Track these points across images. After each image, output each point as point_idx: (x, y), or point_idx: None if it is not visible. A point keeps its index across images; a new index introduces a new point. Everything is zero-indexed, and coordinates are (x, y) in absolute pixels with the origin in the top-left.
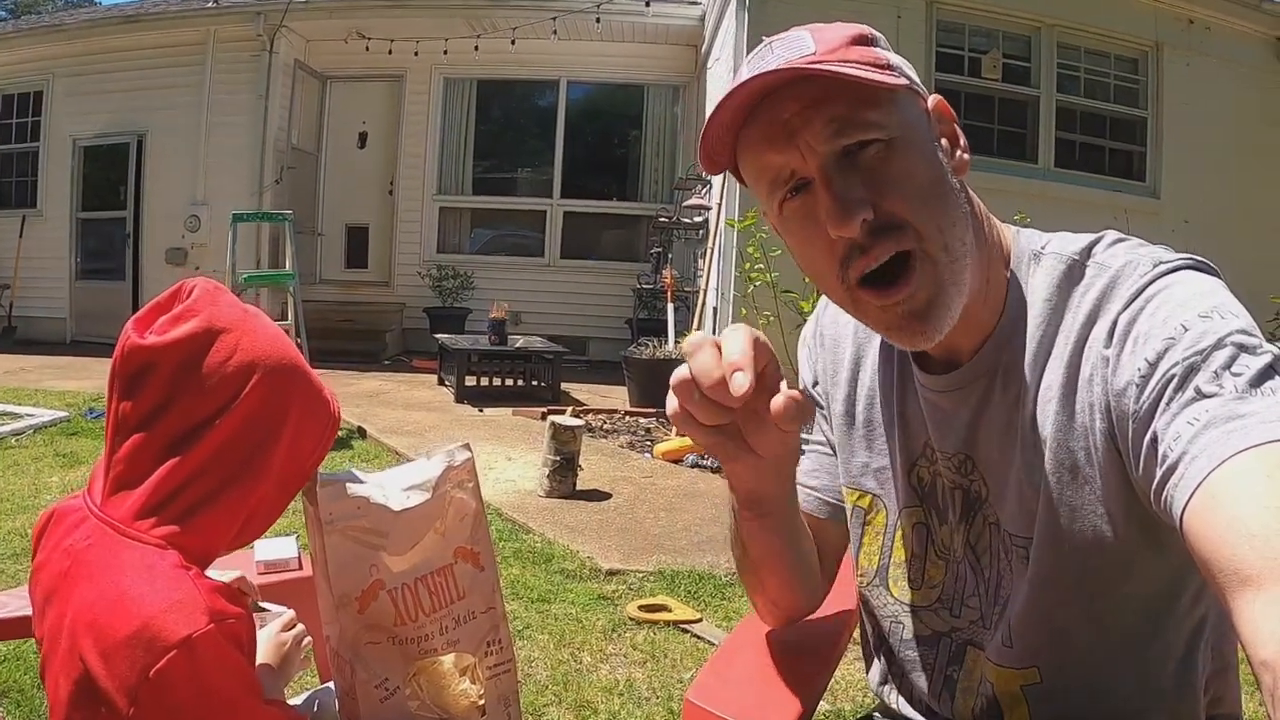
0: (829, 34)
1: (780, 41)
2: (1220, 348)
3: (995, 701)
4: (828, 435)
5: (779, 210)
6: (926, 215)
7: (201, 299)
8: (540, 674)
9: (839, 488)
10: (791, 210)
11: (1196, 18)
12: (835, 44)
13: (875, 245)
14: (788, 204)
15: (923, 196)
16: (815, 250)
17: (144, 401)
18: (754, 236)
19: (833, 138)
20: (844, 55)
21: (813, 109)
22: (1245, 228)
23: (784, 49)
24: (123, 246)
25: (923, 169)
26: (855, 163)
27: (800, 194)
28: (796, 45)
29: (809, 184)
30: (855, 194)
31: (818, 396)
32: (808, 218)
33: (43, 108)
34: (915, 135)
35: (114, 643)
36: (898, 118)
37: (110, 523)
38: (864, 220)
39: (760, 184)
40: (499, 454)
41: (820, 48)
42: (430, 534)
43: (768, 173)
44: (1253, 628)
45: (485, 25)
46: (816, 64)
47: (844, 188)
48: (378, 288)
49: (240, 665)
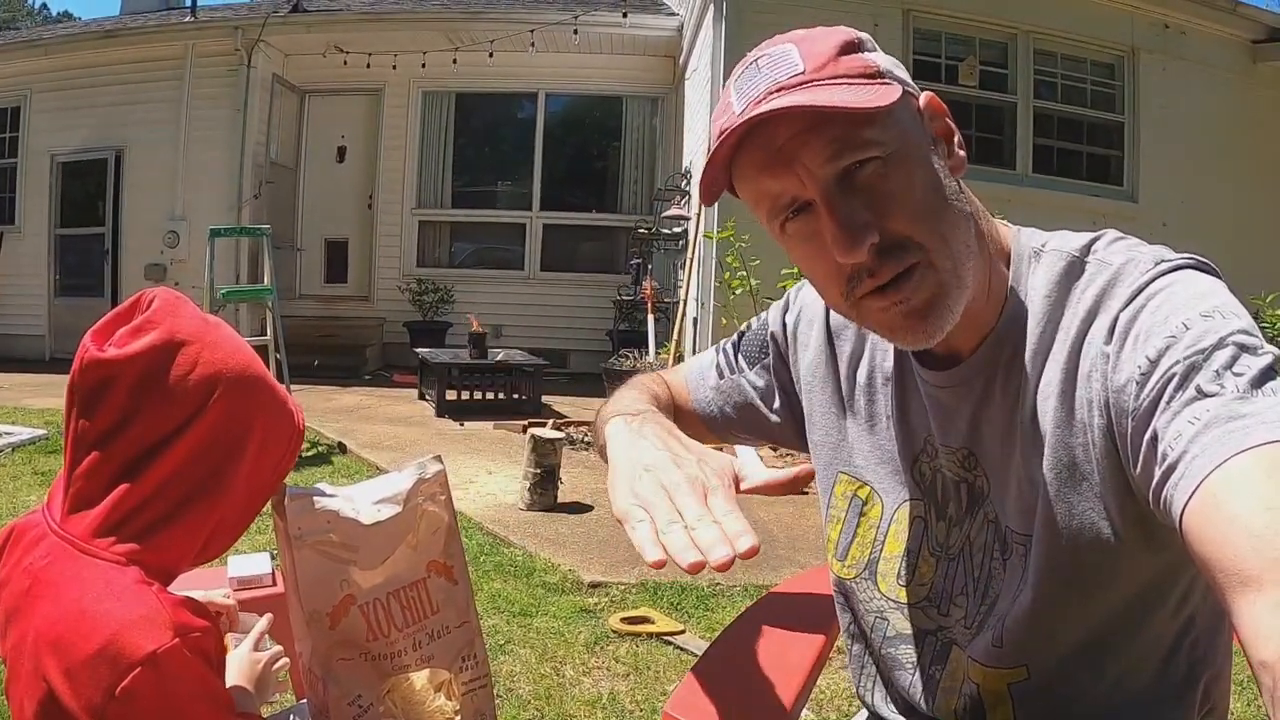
0: (816, 45)
1: (767, 59)
2: (1221, 347)
3: (979, 701)
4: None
5: (781, 230)
6: (930, 228)
7: (161, 310)
8: (523, 688)
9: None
10: (794, 230)
11: (1172, 22)
12: (824, 58)
13: (882, 267)
14: (789, 224)
15: (924, 209)
16: (820, 267)
17: (103, 418)
18: (733, 246)
19: (830, 160)
20: (834, 70)
21: (809, 132)
22: (1223, 230)
23: (771, 68)
24: (101, 262)
25: (921, 180)
26: (854, 183)
27: (801, 215)
28: (784, 64)
29: (810, 204)
30: (860, 218)
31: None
32: (811, 238)
33: (20, 123)
34: (912, 146)
35: (78, 661)
36: (893, 130)
37: (70, 540)
38: (871, 245)
39: (760, 208)
40: (480, 467)
41: (809, 64)
42: (402, 548)
43: (767, 198)
44: (1253, 628)
45: (463, 38)
46: (808, 84)
47: (848, 213)
48: (358, 302)
49: (208, 679)
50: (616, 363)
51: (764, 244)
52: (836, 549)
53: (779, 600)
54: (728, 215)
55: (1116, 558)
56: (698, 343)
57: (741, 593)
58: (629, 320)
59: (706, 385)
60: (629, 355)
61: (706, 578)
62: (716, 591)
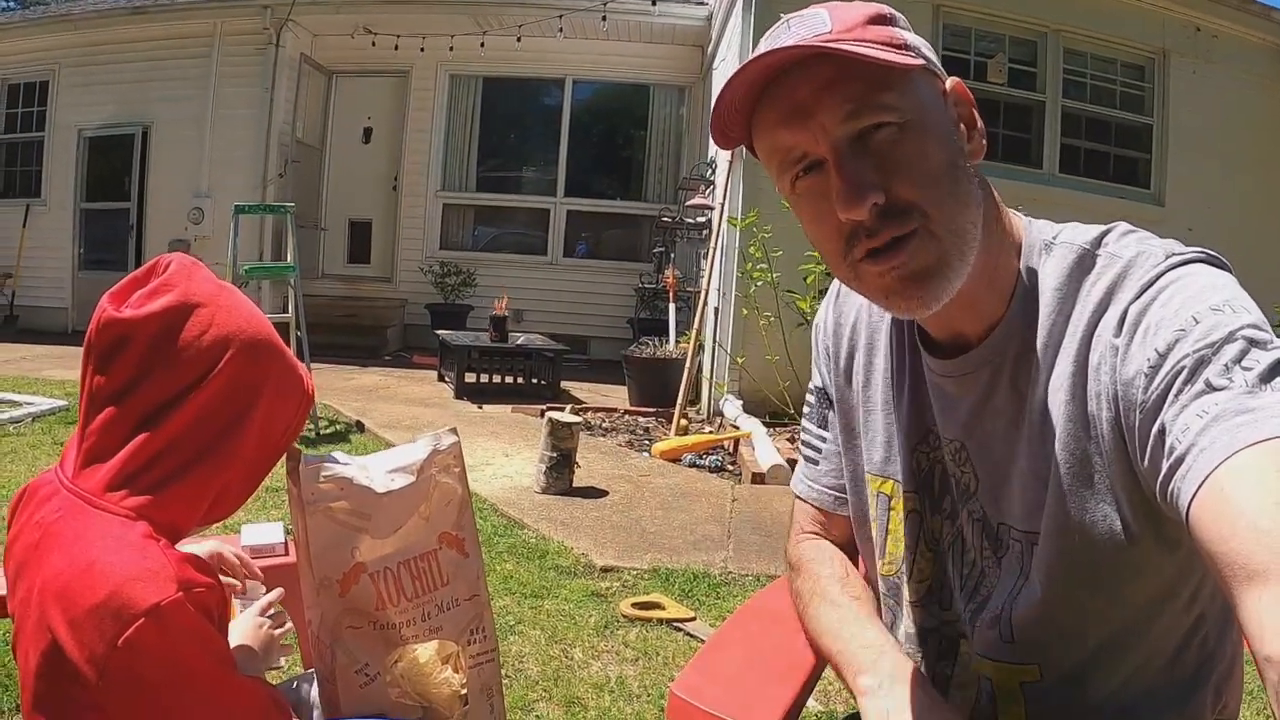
0: (847, 13)
1: (798, 19)
2: (1231, 341)
3: (993, 696)
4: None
5: (791, 187)
6: (935, 197)
7: (177, 273)
8: (531, 669)
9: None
10: (804, 188)
11: (1203, 25)
12: (852, 23)
13: (883, 228)
14: (800, 182)
15: (933, 179)
16: (824, 228)
17: (118, 375)
18: (756, 236)
19: (846, 120)
20: (860, 35)
21: (827, 90)
22: (1250, 236)
23: (800, 26)
24: (126, 237)
25: (935, 152)
26: (867, 146)
27: (812, 173)
28: (813, 23)
29: (822, 164)
30: (867, 178)
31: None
32: (819, 197)
33: (48, 98)
34: (929, 118)
35: (82, 611)
36: (912, 99)
37: (81, 494)
38: (874, 204)
39: (773, 162)
40: (497, 450)
41: (837, 26)
42: (414, 518)
43: (780, 152)
44: (1258, 623)
45: (491, 23)
46: (832, 43)
47: (855, 171)
48: (380, 283)
49: (210, 634)
50: (636, 350)
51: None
52: (877, 549)
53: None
54: (752, 204)
55: (1128, 554)
56: (718, 332)
57: (753, 581)
58: (650, 308)
59: (819, 484)
60: (649, 343)
61: (719, 566)
62: (728, 580)
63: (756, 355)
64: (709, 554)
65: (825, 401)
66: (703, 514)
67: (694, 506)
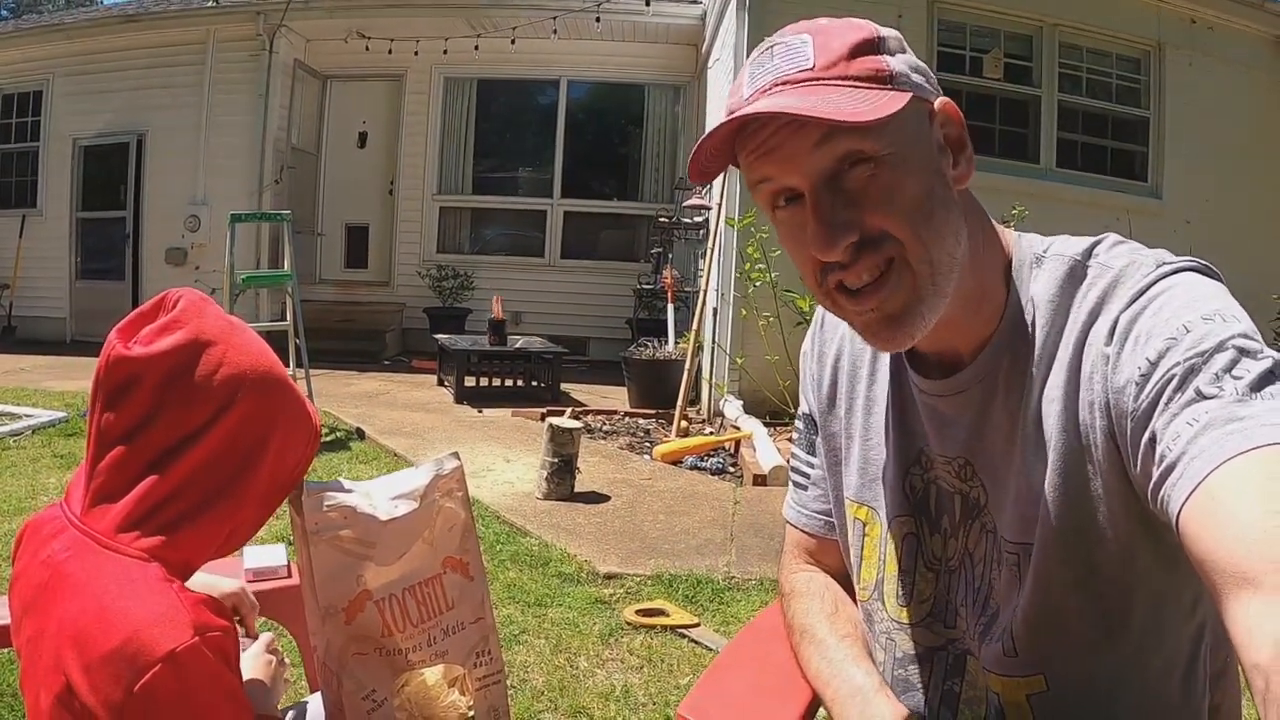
0: (832, 40)
1: (782, 47)
2: (1222, 350)
3: (1001, 712)
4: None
5: (773, 214)
6: (911, 229)
7: (188, 310)
8: (536, 679)
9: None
10: (784, 217)
11: (1199, 17)
12: (835, 55)
13: (857, 261)
14: (780, 211)
15: (909, 211)
16: (800, 256)
17: (128, 414)
18: (754, 236)
19: (820, 158)
20: (844, 70)
21: (802, 129)
22: (1248, 228)
23: (784, 57)
24: (122, 246)
25: (912, 185)
26: (842, 183)
27: (791, 204)
28: (796, 58)
29: (801, 196)
30: (840, 218)
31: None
32: (798, 227)
33: (43, 107)
34: (911, 150)
35: (98, 657)
36: (890, 137)
37: (91, 534)
38: (848, 245)
39: (753, 189)
40: (497, 455)
41: (820, 60)
42: (418, 544)
43: (759, 182)
44: (1246, 630)
45: (485, 25)
46: (813, 82)
47: (830, 212)
48: (377, 288)
49: (227, 678)
50: (636, 351)
51: None
52: (854, 573)
53: None
54: (749, 204)
55: (1124, 562)
56: (717, 333)
57: (757, 586)
58: (649, 309)
59: (808, 510)
60: (648, 344)
61: (722, 570)
62: (732, 585)
63: (756, 355)
64: (712, 559)
65: (812, 427)
66: (705, 518)
67: (696, 510)
